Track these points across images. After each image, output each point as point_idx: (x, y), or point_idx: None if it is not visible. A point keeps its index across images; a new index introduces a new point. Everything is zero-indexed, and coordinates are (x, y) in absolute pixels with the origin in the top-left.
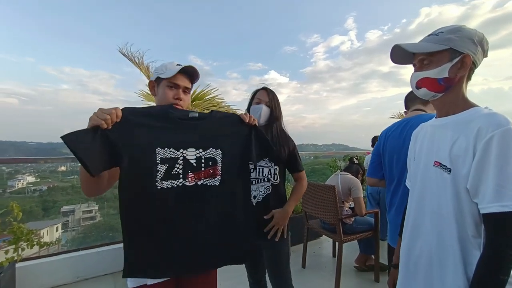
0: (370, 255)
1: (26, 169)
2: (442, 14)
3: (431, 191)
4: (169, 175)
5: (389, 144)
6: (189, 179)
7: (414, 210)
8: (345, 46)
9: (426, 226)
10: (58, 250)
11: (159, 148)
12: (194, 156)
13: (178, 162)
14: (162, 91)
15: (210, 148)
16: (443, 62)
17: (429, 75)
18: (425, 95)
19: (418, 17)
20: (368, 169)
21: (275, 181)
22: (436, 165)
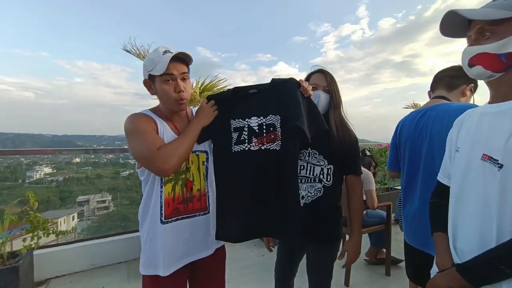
0: (381, 248)
1: (43, 160)
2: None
3: (475, 188)
4: (239, 141)
5: (404, 136)
6: (253, 143)
7: (453, 209)
8: (357, 35)
9: (466, 226)
10: (75, 238)
11: (232, 120)
12: (257, 124)
13: (244, 130)
14: (160, 88)
15: (270, 115)
16: (510, 33)
17: (488, 49)
18: (479, 74)
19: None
20: (388, 162)
21: (327, 183)
22: (484, 159)
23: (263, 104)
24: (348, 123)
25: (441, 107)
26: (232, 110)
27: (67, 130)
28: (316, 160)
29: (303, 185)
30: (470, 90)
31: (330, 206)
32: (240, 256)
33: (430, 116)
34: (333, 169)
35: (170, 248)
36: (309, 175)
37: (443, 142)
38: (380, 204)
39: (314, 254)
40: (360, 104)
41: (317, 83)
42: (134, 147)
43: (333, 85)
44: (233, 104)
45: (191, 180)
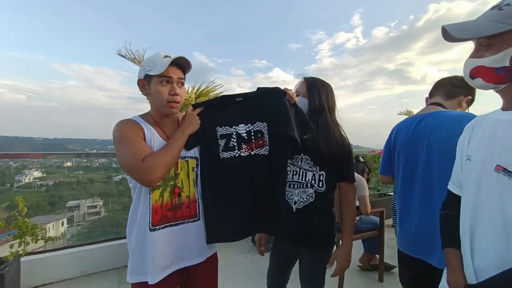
0: (375, 254)
1: (33, 164)
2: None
3: (491, 201)
4: (228, 148)
5: (399, 142)
6: (243, 150)
7: (469, 223)
8: (351, 43)
9: (483, 242)
10: (64, 244)
11: (218, 127)
12: (245, 130)
13: (233, 137)
14: (155, 88)
15: (257, 122)
16: (506, 46)
17: (485, 63)
18: (481, 86)
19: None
20: (380, 166)
21: (319, 188)
22: (499, 170)
23: (250, 112)
24: (341, 128)
25: (438, 114)
26: (218, 118)
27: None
28: (308, 165)
29: (295, 190)
30: (467, 102)
31: (323, 212)
32: (234, 263)
33: (428, 124)
34: (325, 175)
35: (158, 256)
36: (301, 180)
37: (442, 151)
38: (373, 210)
39: (306, 260)
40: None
41: (298, 91)
42: (120, 156)
43: (315, 90)
44: (219, 112)
45: (180, 187)
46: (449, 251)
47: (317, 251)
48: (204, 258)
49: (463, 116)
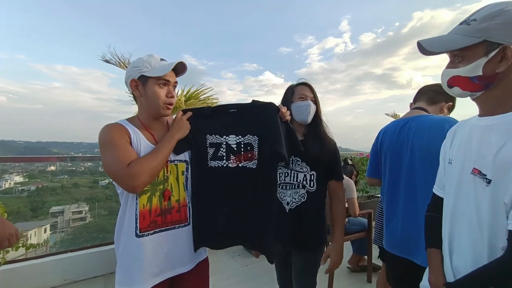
0: (363, 255)
1: (14, 168)
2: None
3: (468, 203)
4: (216, 157)
5: (386, 144)
6: (231, 161)
7: (449, 224)
8: (340, 48)
9: (461, 242)
10: (46, 252)
11: (207, 135)
12: (235, 142)
13: (222, 147)
14: (152, 90)
15: (248, 135)
16: (477, 57)
17: (461, 73)
18: (459, 94)
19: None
20: (367, 169)
21: (311, 188)
22: (475, 173)
23: (242, 124)
24: (328, 132)
25: (421, 118)
26: (209, 126)
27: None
28: (299, 167)
29: (287, 191)
30: (448, 108)
31: (315, 211)
32: (224, 267)
33: (411, 127)
34: (316, 175)
35: (146, 263)
36: (293, 181)
37: (424, 154)
38: (361, 211)
39: (298, 259)
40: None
41: (305, 94)
42: (105, 161)
43: (317, 97)
44: (210, 120)
45: (170, 190)
46: (431, 251)
47: (308, 251)
48: (195, 264)
49: (444, 121)
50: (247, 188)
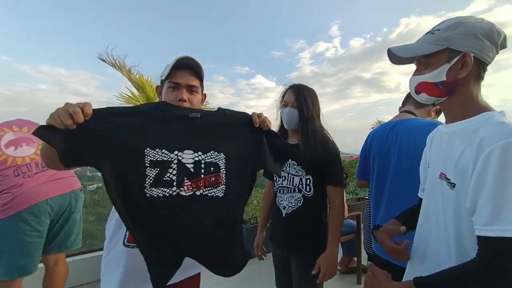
0: (353, 257)
1: None
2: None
3: (436, 205)
4: (160, 182)
5: (374, 147)
6: (185, 187)
7: (421, 223)
8: (330, 52)
9: (430, 243)
10: None
11: (148, 149)
12: (192, 160)
13: (172, 167)
14: (164, 94)
15: (212, 151)
16: (440, 64)
17: (426, 79)
18: (426, 100)
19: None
20: (357, 171)
21: (307, 193)
22: (442, 177)
23: (203, 137)
24: (327, 133)
25: (408, 122)
26: (150, 134)
27: None
28: (295, 170)
29: (284, 196)
30: (435, 111)
31: (312, 216)
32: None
33: (399, 131)
34: (312, 180)
35: (129, 274)
36: (289, 185)
37: (410, 157)
38: (350, 214)
39: (296, 266)
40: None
41: (286, 101)
42: None
43: (302, 99)
44: (154, 126)
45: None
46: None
47: (306, 256)
48: (183, 278)
49: (431, 124)
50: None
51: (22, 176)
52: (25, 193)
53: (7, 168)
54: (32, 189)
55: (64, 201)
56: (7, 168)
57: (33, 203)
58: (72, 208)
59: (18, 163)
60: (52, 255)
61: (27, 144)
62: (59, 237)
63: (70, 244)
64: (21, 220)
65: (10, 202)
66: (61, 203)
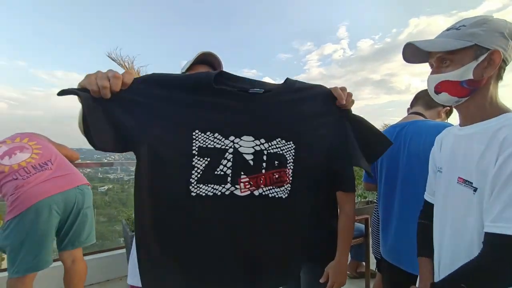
0: (361, 262)
1: None
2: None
3: (456, 212)
4: (210, 176)
5: None
6: (241, 185)
7: (439, 234)
8: (338, 54)
9: (449, 252)
10: None
11: (197, 131)
12: (252, 150)
13: (226, 157)
14: None
15: (278, 139)
16: (467, 61)
17: (450, 77)
18: (447, 101)
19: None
20: (364, 174)
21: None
22: (460, 182)
23: (266, 118)
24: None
25: (418, 123)
26: (201, 112)
27: None
28: None
29: None
30: (445, 113)
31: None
32: None
33: (408, 133)
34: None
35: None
36: None
37: (421, 160)
38: (358, 217)
39: (305, 274)
40: None
41: None
42: None
43: None
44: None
45: None
46: (421, 260)
47: (316, 265)
48: None
49: (441, 126)
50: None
51: (21, 178)
52: (26, 193)
53: (6, 176)
54: (32, 188)
55: (69, 197)
56: (6, 175)
57: (34, 201)
58: (79, 204)
59: (15, 168)
60: (68, 253)
61: (20, 151)
62: (72, 233)
63: (84, 239)
64: (25, 219)
65: (15, 203)
66: (66, 200)
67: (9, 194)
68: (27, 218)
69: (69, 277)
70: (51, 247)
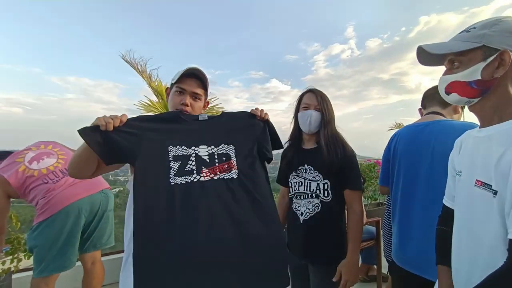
0: (372, 265)
1: None
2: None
3: (475, 216)
4: (182, 171)
5: (400, 150)
6: (203, 174)
7: (457, 239)
8: (345, 54)
9: (473, 262)
10: None
11: (171, 146)
12: (207, 153)
13: (191, 159)
14: (170, 97)
15: (222, 144)
16: (475, 62)
17: (459, 78)
18: (458, 101)
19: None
20: (380, 176)
21: (325, 198)
22: (478, 185)
23: (215, 133)
24: (342, 137)
25: (443, 123)
26: (172, 135)
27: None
28: (311, 175)
29: (301, 201)
30: (462, 107)
31: (331, 222)
32: None
33: (432, 132)
34: (330, 184)
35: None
36: (306, 191)
37: (446, 162)
38: (369, 219)
39: (315, 274)
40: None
41: (308, 103)
42: None
43: (324, 103)
44: (174, 128)
45: None
46: (440, 269)
47: (325, 265)
48: None
49: (466, 126)
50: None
51: (51, 182)
52: (57, 196)
53: (36, 180)
54: (62, 192)
55: (95, 200)
56: (36, 179)
57: (66, 204)
58: (103, 207)
59: (44, 173)
60: (89, 255)
61: (47, 157)
62: (95, 235)
63: (105, 241)
64: (56, 221)
65: (46, 205)
66: (92, 203)
67: (40, 197)
68: (58, 220)
69: (88, 279)
70: (77, 248)
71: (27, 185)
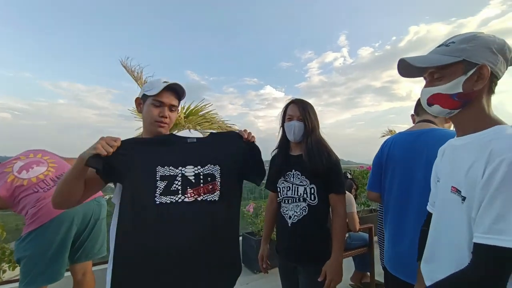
0: (366, 272)
1: None
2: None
3: (448, 219)
4: (168, 191)
5: (395, 156)
6: (188, 195)
7: (432, 239)
8: (338, 62)
9: (442, 260)
10: None
11: (159, 167)
12: (193, 173)
13: (177, 179)
14: (147, 108)
15: (208, 165)
16: (457, 75)
17: (442, 90)
18: (439, 112)
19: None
20: (368, 182)
21: (312, 202)
22: (453, 191)
23: (201, 154)
24: (326, 143)
25: (438, 132)
26: (160, 156)
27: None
28: (299, 180)
29: (289, 205)
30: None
31: (317, 225)
32: None
33: (427, 141)
34: (316, 189)
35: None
36: (294, 195)
37: None
38: (362, 226)
39: (303, 275)
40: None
41: (291, 114)
42: None
43: (306, 112)
44: (163, 150)
45: None
46: (419, 264)
47: (313, 266)
48: None
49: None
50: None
51: (42, 190)
52: (49, 204)
53: (25, 189)
54: None
55: (88, 209)
56: (26, 189)
57: (59, 212)
58: (96, 215)
59: (34, 181)
60: (80, 265)
61: (37, 165)
62: (86, 244)
63: (97, 251)
64: (47, 230)
65: (37, 214)
66: (85, 211)
67: (30, 206)
68: (49, 229)
69: None
70: (66, 258)
71: (16, 195)
